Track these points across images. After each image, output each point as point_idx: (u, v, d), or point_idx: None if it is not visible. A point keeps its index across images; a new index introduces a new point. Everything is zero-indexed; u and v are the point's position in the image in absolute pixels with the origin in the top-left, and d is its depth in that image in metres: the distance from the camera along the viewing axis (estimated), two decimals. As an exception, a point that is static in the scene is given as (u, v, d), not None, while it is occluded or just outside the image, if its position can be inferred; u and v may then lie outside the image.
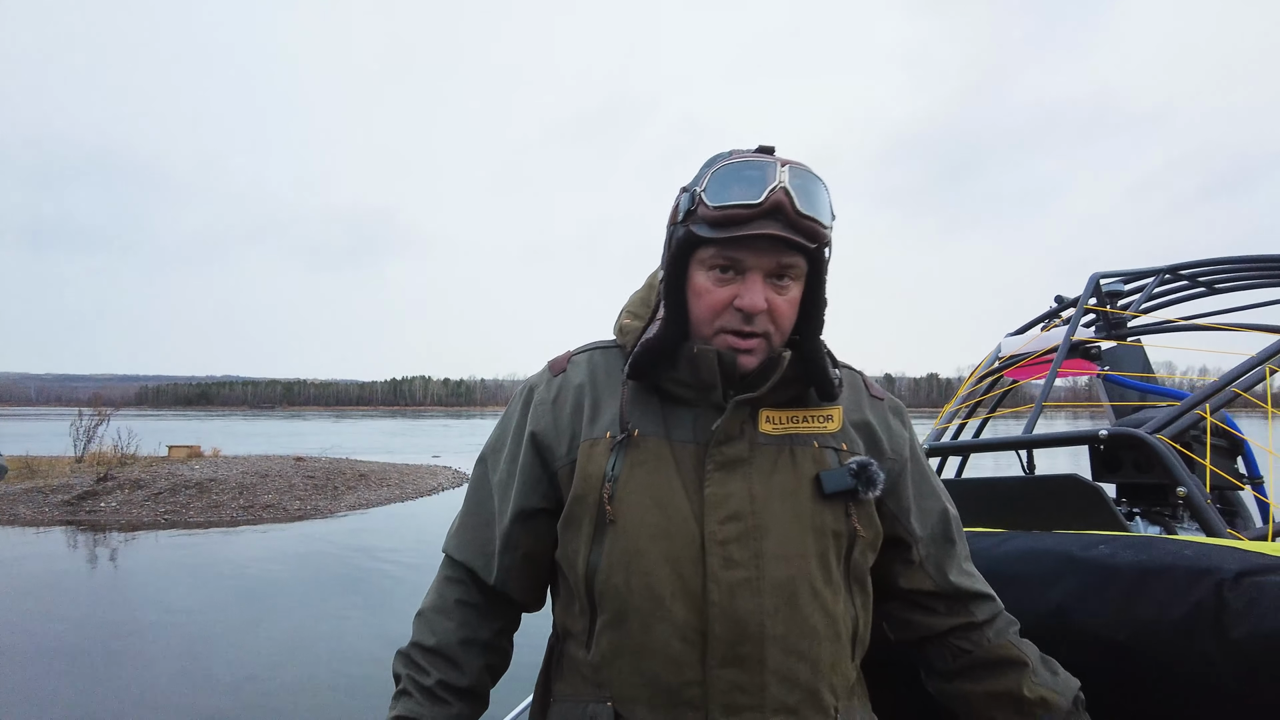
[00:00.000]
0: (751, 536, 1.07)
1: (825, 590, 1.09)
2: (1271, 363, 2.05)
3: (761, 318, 1.10)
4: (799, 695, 1.05)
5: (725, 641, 1.04)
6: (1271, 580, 1.31)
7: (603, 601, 1.11)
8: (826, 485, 1.11)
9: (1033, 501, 1.92)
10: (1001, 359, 2.94)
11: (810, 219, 1.07)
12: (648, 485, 1.11)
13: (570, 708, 1.14)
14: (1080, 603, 1.48)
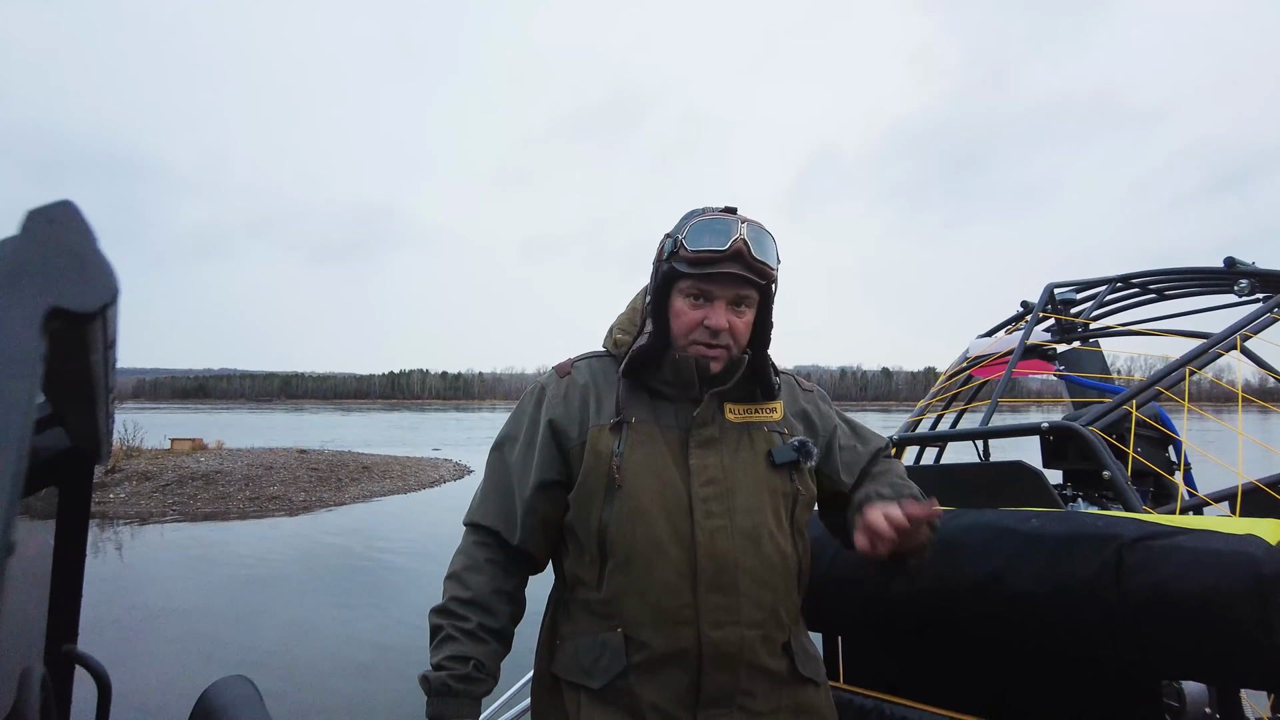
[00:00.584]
0: (725, 495, 1.43)
1: (779, 535, 1.45)
2: (1192, 365, 2.38)
3: (724, 334, 1.46)
4: (764, 614, 1.40)
5: (710, 573, 1.38)
6: (1160, 543, 1.65)
7: (613, 549, 1.42)
8: (777, 458, 1.48)
9: (985, 484, 2.26)
10: (969, 359, 3.28)
11: (762, 263, 1.43)
12: (645, 459, 1.44)
13: (582, 641, 1.45)
14: (1014, 566, 1.82)
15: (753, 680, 1.39)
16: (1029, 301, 3.39)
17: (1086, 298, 3.24)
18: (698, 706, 1.37)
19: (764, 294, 1.50)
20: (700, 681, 1.37)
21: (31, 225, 0.49)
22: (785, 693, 1.43)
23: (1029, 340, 2.93)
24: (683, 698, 1.37)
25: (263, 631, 8.30)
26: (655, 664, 1.38)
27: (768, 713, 1.41)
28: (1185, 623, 1.55)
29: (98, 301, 0.49)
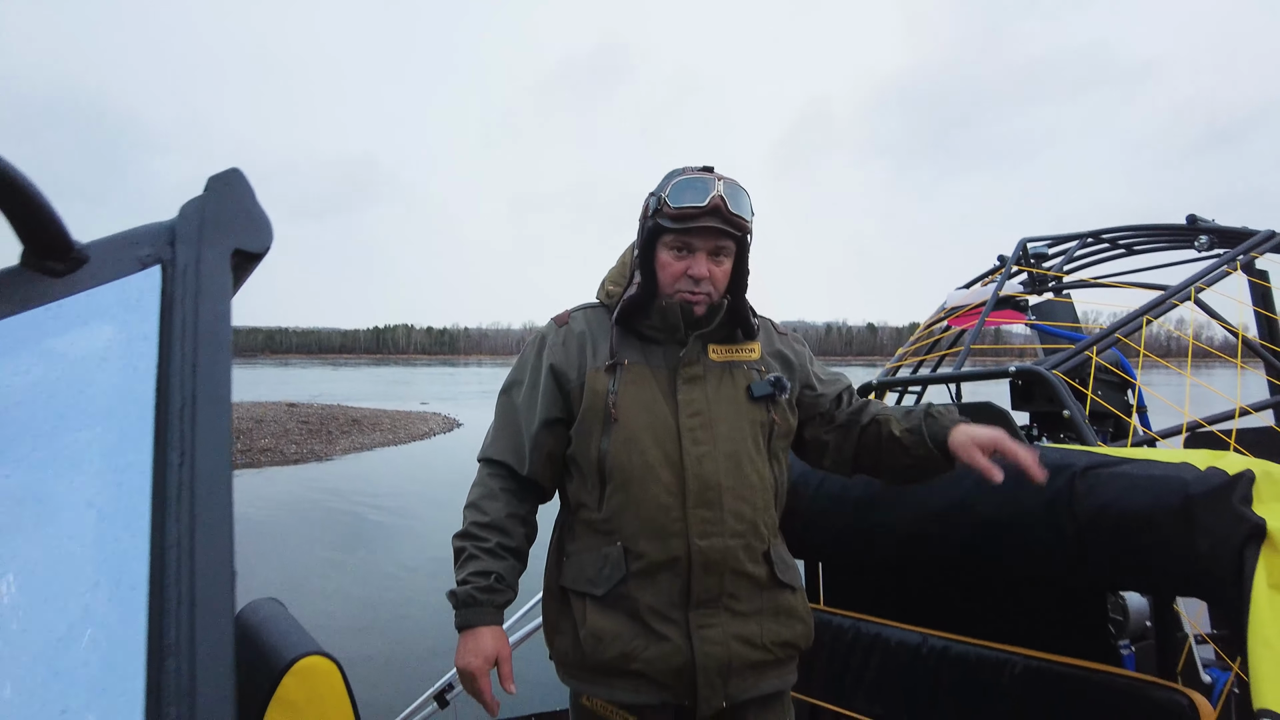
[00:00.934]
0: (709, 425, 1.62)
1: (757, 459, 1.65)
2: (1150, 315, 2.57)
3: (705, 282, 1.64)
4: (745, 525, 1.60)
5: (696, 491, 1.58)
6: (1106, 471, 1.85)
7: (611, 474, 1.61)
8: (755, 391, 1.67)
9: (955, 423, 2.46)
10: (947, 309, 3.46)
11: (738, 216, 1.61)
12: (638, 395, 1.63)
13: (586, 556, 1.64)
14: (979, 493, 2.02)
15: (737, 584, 1.60)
16: (1005, 255, 3.56)
17: (1058, 252, 3.42)
18: (689, 606, 1.58)
19: (741, 244, 1.68)
20: (690, 585, 1.58)
21: (214, 187, 0.64)
22: (766, 596, 1.63)
23: (1002, 292, 3.12)
24: (675, 599, 1.58)
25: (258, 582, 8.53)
26: (651, 571, 1.59)
27: (751, 613, 1.61)
28: (1126, 539, 1.76)
29: (264, 244, 0.65)
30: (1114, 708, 1.90)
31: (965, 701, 2.19)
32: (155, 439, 0.56)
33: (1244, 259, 2.73)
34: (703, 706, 1.59)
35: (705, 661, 1.57)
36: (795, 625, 1.67)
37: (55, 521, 0.53)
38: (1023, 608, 2.31)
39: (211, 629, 0.50)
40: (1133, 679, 1.91)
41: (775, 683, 1.66)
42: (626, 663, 1.59)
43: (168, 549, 0.53)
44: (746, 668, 1.60)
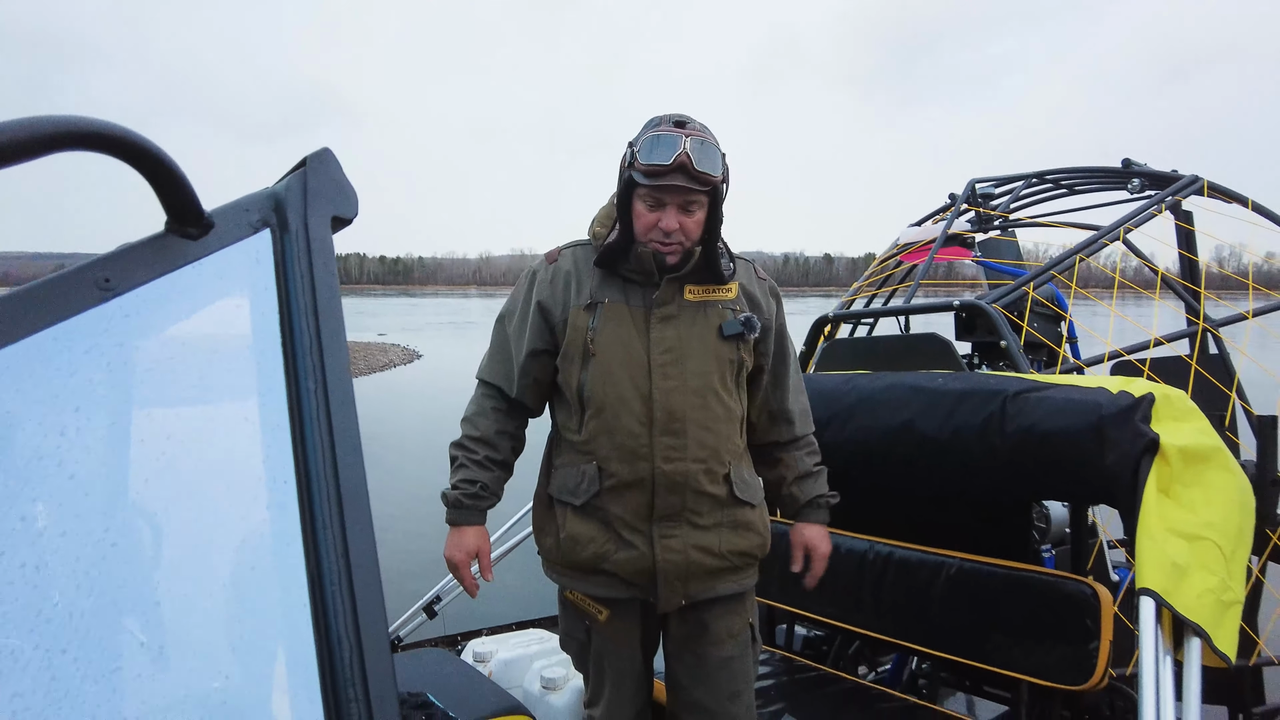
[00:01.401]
0: (679, 361, 1.78)
1: (723, 392, 1.81)
2: (1083, 254, 2.80)
3: (676, 234, 1.75)
4: (706, 452, 1.78)
5: (663, 421, 1.76)
6: (1034, 395, 2.09)
7: (589, 403, 1.80)
8: (725, 330, 1.81)
9: (904, 352, 2.69)
10: (899, 245, 3.67)
11: (704, 173, 1.69)
12: (615, 333, 1.79)
13: (569, 470, 1.85)
14: (921, 416, 2.26)
15: (698, 502, 1.80)
16: (956, 194, 3.76)
17: (1004, 192, 3.63)
18: (653, 519, 1.80)
19: (713, 195, 1.76)
20: (654, 501, 1.79)
21: (312, 163, 0.79)
22: (725, 512, 1.84)
23: (951, 230, 3.33)
24: (642, 513, 1.80)
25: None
26: (621, 488, 1.80)
27: (711, 526, 1.82)
28: (1048, 455, 2.02)
29: (354, 211, 0.80)
30: (1033, 600, 2.19)
31: (907, 599, 2.48)
32: (285, 370, 0.73)
33: (1169, 202, 2.97)
34: (663, 603, 1.84)
35: (666, 566, 1.80)
36: (751, 537, 1.87)
37: (223, 431, 0.70)
38: (958, 517, 2.59)
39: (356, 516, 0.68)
40: (1048, 575, 2.21)
41: (732, 586, 1.87)
42: (599, 563, 1.83)
43: (310, 454, 0.70)
44: (705, 573, 1.82)
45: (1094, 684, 2.05)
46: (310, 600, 0.68)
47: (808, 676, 2.69)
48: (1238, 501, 1.80)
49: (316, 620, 0.68)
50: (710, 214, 1.78)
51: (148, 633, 0.65)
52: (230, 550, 0.69)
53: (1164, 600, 1.53)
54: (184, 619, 0.67)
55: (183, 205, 0.72)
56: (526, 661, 2.74)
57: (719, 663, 1.89)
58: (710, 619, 1.88)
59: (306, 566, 0.68)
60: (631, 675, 1.95)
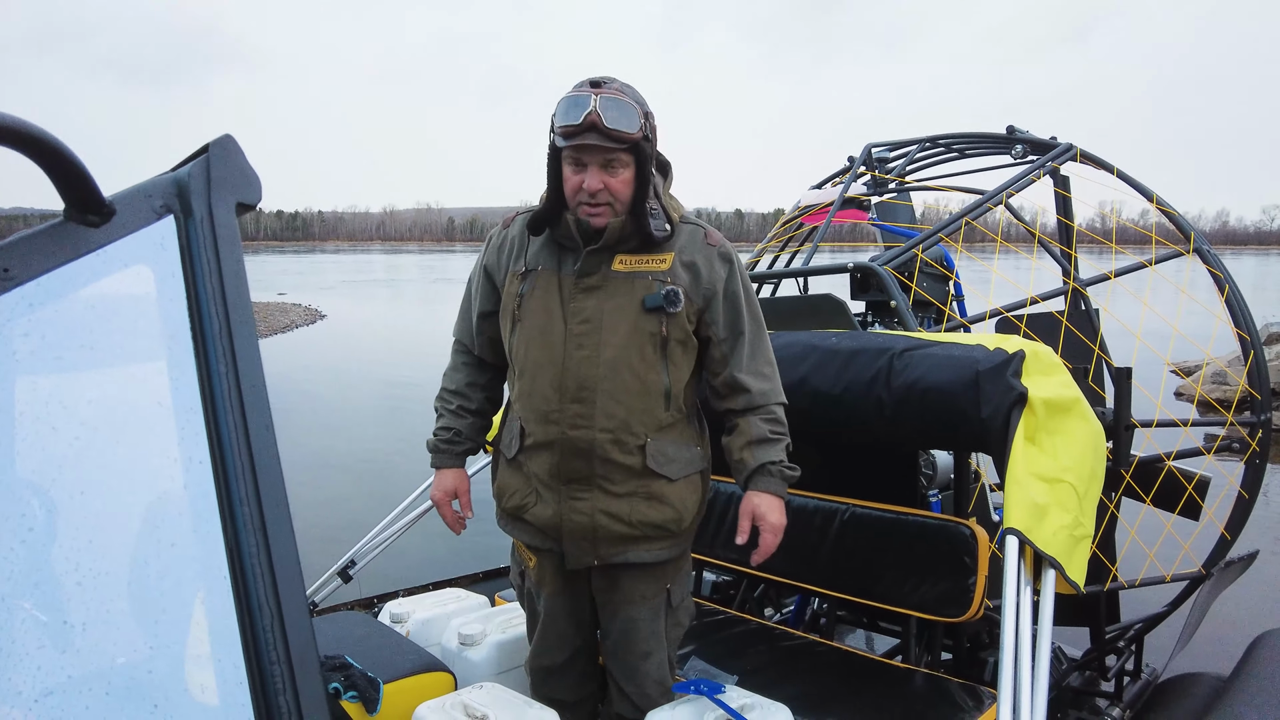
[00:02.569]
0: (594, 332, 1.80)
1: (639, 365, 1.80)
2: (968, 217, 2.98)
3: (601, 194, 1.75)
4: (615, 423, 1.80)
5: (572, 390, 1.80)
6: (918, 352, 2.24)
7: (514, 365, 1.90)
8: (646, 303, 1.80)
9: (802, 312, 2.83)
10: (801, 207, 3.81)
11: (616, 130, 1.68)
12: (541, 300, 1.84)
13: (510, 420, 1.97)
14: (816, 372, 2.39)
15: (608, 469, 1.85)
16: (854, 156, 3.91)
17: (898, 155, 3.80)
18: (561, 481, 1.87)
19: (638, 154, 1.76)
20: (561, 464, 1.86)
21: (215, 150, 0.81)
22: (639, 482, 1.87)
23: (848, 193, 3.47)
24: (553, 473, 1.88)
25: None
26: (536, 448, 1.88)
27: (623, 494, 1.86)
28: (929, 408, 2.18)
29: (257, 197, 0.82)
30: (917, 541, 2.38)
31: (804, 544, 2.65)
32: (196, 354, 0.75)
33: (1047, 169, 3.18)
34: (570, 560, 1.91)
35: (570, 526, 1.87)
36: (664, 510, 1.88)
37: (136, 415, 0.72)
38: (853, 466, 2.76)
39: (270, 490, 0.72)
40: (931, 518, 2.40)
41: (645, 555, 1.90)
42: (521, 512, 1.94)
43: (223, 434, 0.73)
44: (615, 538, 1.88)
45: (971, 615, 2.25)
46: (230, 571, 0.72)
47: (714, 620, 2.84)
48: (1091, 446, 2.00)
49: (237, 590, 0.72)
50: (639, 174, 1.78)
51: (69, 611, 0.67)
52: (150, 529, 0.72)
53: (1025, 538, 1.71)
54: (106, 596, 0.70)
55: (82, 193, 0.73)
56: (444, 620, 2.79)
57: (629, 621, 1.97)
58: (625, 580, 1.95)
59: (225, 540, 0.71)
60: (561, 619, 2.04)
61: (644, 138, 1.74)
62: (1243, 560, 3.26)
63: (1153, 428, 2.81)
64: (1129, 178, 3.29)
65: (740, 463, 1.91)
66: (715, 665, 2.47)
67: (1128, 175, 3.30)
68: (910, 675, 2.39)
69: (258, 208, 0.86)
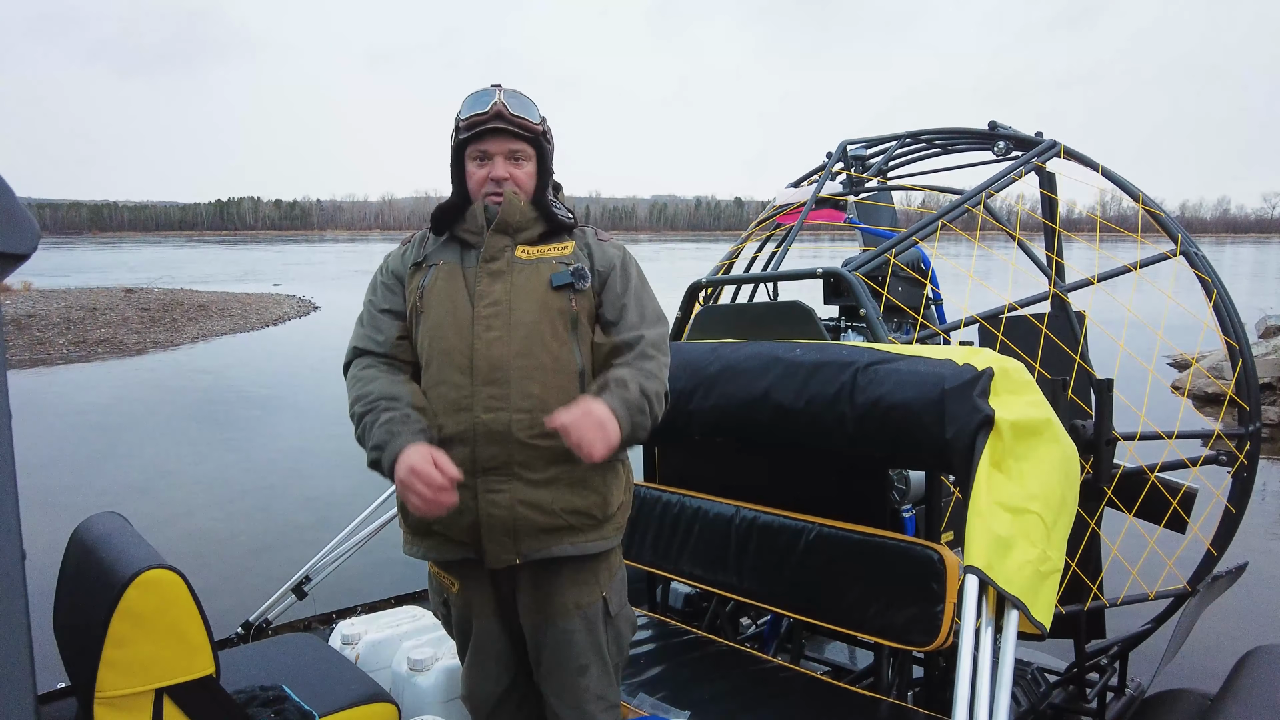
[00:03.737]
0: (504, 314, 1.77)
1: (552, 342, 1.78)
2: (945, 219, 2.85)
3: (507, 184, 1.82)
4: (531, 402, 1.74)
5: (484, 371, 1.75)
6: (884, 367, 2.12)
7: (423, 357, 1.84)
8: (554, 281, 1.81)
9: (771, 320, 2.70)
10: (776, 207, 3.67)
11: (520, 118, 1.80)
12: (443, 290, 1.83)
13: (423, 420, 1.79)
14: (779, 385, 2.27)
15: (526, 454, 1.75)
16: (833, 153, 3.76)
17: (877, 152, 3.66)
18: (477, 473, 1.76)
19: (539, 149, 1.87)
20: (476, 453, 1.75)
21: None
22: (560, 467, 1.76)
23: (823, 193, 3.33)
24: (466, 466, 1.73)
25: (112, 476, 8.21)
26: (448, 441, 1.76)
27: (543, 482, 1.77)
28: (893, 426, 2.06)
29: (30, 246, 0.69)
30: (883, 564, 2.26)
31: (769, 563, 2.54)
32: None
33: (1028, 167, 3.04)
34: (490, 560, 1.79)
35: (489, 521, 1.76)
36: (588, 495, 1.81)
37: None
38: (821, 481, 2.64)
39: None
40: (898, 541, 2.28)
41: (570, 547, 1.80)
42: (427, 523, 1.80)
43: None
44: (538, 530, 1.77)
45: (939, 644, 2.14)
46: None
47: (679, 640, 2.73)
48: (1061, 471, 1.88)
49: None
50: (540, 168, 1.88)
51: None
52: None
53: (986, 577, 1.59)
54: None
55: None
56: (395, 642, 2.69)
57: (563, 635, 1.86)
58: (556, 588, 1.85)
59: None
60: (492, 646, 1.94)
61: (543, 134, 1.87)
62: (1230, 574, 3.15)
63: (1136, 440, 2.69)
64: (1114, 176, 3.15)
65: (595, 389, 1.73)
66: (673, 693, 2.36)
67: (1113, 173, 3.16)
68: (875, 705, 2.28)
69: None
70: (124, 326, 18.65)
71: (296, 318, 22.36)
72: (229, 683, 1.96)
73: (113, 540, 1.94)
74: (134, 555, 1.80)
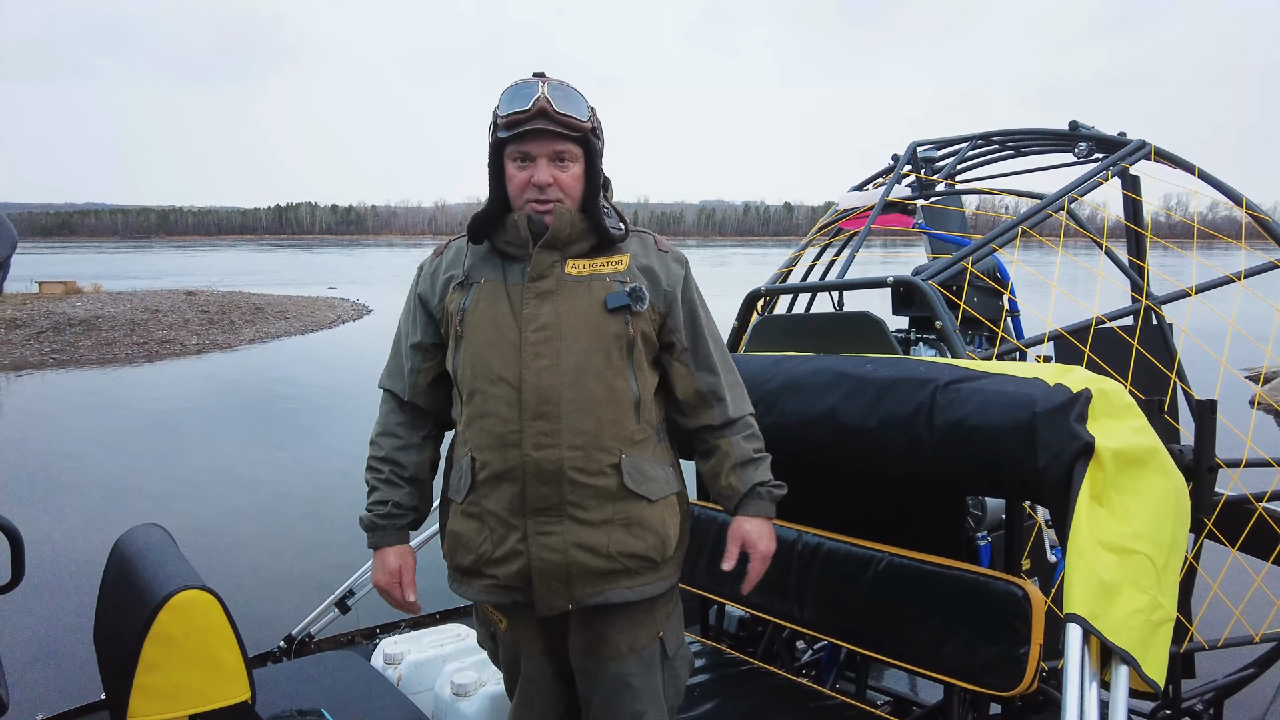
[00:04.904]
0: (554, 340, 1.62)
1: (606, 372, 1.63)
2: (1025, 225, 2.65)
3: (551, 189, 1.63)
4: (584, 438, 1.61)
5: (533, 404, 1.60)
6: (966, 386, 1.94)
7: (463, 387, 1.69)
8: (609, 303, 1.65)
9: (836, 331, 2.53)
10: (839, 212, 3.50)
11: (566, 115, 1.59)
12: (487, 312, 1.66)
13: (456, 461, 1.75)
14: (847, 403, 2.11)
15: (579, 493, 1.62)
16: (899, 155, 3.58)
17: (947, 154, 3.46)
18: (526, 513, 1.64)
19: (587, 147, 1.66)
20: (526, 493, 1.63)
21: None
22: (617, 506, 1.65)
23: (890, 196, 3.15)
24: (515, 507, 1.64)
25: (174, 475, 8.35)
26: (493, 480, 1.65)
27: (598, 522, 1.64)
28: (977, 450, 1.88)
29: (4, 253, 0.59)
30: (961, 600, 2.08)
31: (833, 594, 2.37)
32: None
33: (1115, 169, 2.82)
34: (541, 607, 1.66)
35: (541, 566, 1.63)
36: (647, 537, 1.68)
37: None
38: (890, 506, 2.47)
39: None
40: (978, 574, 2.09)
41: (627, 593, 1.68)
42: (479, 566, 1.70)
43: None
44: (592, 574, 1.64)
45: (1023, 689, 1.95)
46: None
47: (734, 671, 2.58)
48: (1172, 507, 1.68)
49: None
50: (588, 169, 1.68)
51: None
52: None
53: (1091, 627, 1.41)
54: None
55: None
56: (439, 663, 2.59)
57: (618, 680, 1.73)
58: (610, 630, 1.72)
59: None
60: (540, 687, 1.81)
61: (592, 130, 1.65)
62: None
63: (1240, 468, 2.46)
64: (1213, 178, 2.91)
65: (728, 488, 1.77)
66: (727, 733, 2.21)
67: (1211, 176, 2.92)
68: (953, 754, 2.10)
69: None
70: (185, 328, 19.14)
71: (350, 321, 22.72)
72: (267, 703, 1.89)
73: (150, 556, 1.88)
74: (169, 574, 1.72)
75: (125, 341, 17.46)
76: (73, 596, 4.66)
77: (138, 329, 18.50)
